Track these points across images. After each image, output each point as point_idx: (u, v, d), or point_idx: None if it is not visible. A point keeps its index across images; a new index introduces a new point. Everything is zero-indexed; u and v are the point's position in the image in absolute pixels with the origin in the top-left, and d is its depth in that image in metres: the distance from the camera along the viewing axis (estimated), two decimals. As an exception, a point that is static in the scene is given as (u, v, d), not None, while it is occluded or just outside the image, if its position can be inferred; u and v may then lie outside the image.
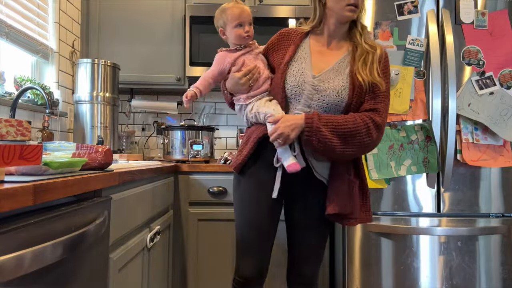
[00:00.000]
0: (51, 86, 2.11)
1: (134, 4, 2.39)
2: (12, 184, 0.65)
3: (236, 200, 1.46)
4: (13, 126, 0.83)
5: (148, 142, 2.71)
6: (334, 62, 1.35)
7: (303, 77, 1.33)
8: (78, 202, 0.89)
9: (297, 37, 1.40)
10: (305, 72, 1.33)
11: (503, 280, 1.84)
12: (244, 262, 1.40)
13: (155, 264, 1.60)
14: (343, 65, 1.34)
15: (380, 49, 1.35)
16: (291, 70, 1.35)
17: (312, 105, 1.32)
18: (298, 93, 1.32)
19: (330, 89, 1.30)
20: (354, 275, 1.85)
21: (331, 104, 1.31)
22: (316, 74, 1.33)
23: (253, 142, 1.37)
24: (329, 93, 1.30)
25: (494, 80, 1.84)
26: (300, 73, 1.34)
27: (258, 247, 1.39)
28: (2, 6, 1.72)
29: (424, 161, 1.81)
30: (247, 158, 1.38)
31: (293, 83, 1.33)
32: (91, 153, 1.07)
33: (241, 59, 1.40)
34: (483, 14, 1.85)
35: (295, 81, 1.33)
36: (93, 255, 0.96)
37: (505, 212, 1.85)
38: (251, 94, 1.39)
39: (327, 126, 1.25)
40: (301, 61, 1.36)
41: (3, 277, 0.57)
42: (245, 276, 1.39)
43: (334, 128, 1.25)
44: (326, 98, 1.30)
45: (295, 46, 1.38)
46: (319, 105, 1.31)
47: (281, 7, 2.32)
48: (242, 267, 1.41)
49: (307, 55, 1.37)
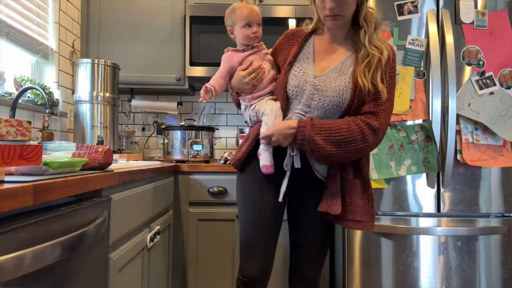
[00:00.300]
0: (51, 86, 2.11)
1: (134, 4, 2.39)
2: (12, 184, 0.65)
3: (239, 200, 1.45)
4: (13, 126, 0.83)
5: (148, 142, 2.71)
6: (337, 62, 1.32)
7: (304, 77, 1.32)
8: (78, 202, 0.90)
9: (301, 37, 1.39)
10: (306, 72, 1.33)
11: (503, 280, 1.84)
12: (248, 261, 1.40)
13: (155, 264, 1.60)
14: (346, 65, 1.31)
15: (386, 51, 1.30)
16: (294, 71, 1.34)
17: (313, 105, 1.30)
18: (299, 93, 1.32)
19: (332, 89, 1.28)
20: (354, 275, 1.85)
21: (332, 104, 1.29)
22: (318, 74, 1.32)
23: (252, 139, 1.38)
24: (330, 93, 1.28)
25: (494, 80, 1.84)
26: (301, 73, 1.33)
27: (262, 246, 1.39)
28: (2, 6, 1.72)
29: (424, 161, 1.81)
30: (246, 155, 1.39)
31: (294, 84, 1.32)
32: (91, 153, 1.07)
33: (249, 59, 1.40)
34: (483, 14, 1.85)
35: (296, 81, 1.32)
36: (93, 255, 0.96)
37: (505, 212, 1.85)
38: (256, 95, 1.39)
39: (320, 134, 1.23)
40: (304, 61, 1.36)
41: (3, 277, 0.57)
42: (249, 275, 1.39)
43: (328, 136, 1.23)
44: (327, 99, 1.29)
45: (299, 46, 1.38)
46: (320, 106, 1.30)
47: (281, 7, 2.32)
48: (246, 266, 1.40)
49: (310, 55, 1.36)
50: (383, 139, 1.81)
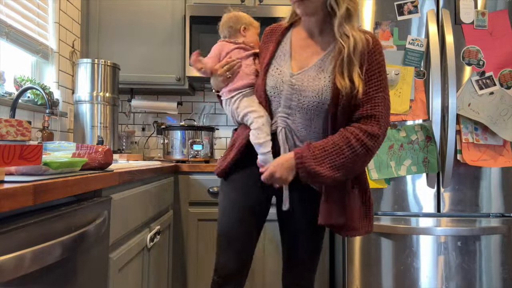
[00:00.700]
0: (51, 86, 2.11)
1: (134, 4, 2.39)
2: (12, 184, 0.65)
3: (222, 206, 1.37)
4: (13, 126, 0.83)
5: (148, 142, 2.71)
6: (317, 59, 1.20)
7: (281, 76, 1.22)
8: (78, 202, 0.90)
9: (278, 33, 1.29)
10: (283, 71, 1.23)
11: (503, 280, 1.84)
12: (224, 256, 1.32)
13: (155, 264, 1.60)
14: (327, 61, 1.19)
15: (362, 41, 1.14)
16: (271, 70, 1.25)
17: (293, 106, 1.21)
18: (277, 94, 1.22)
19: (310, 89, 1.17)
20: (354, 275, 1.85)
21: (311, 105, 1.18)
22: (295, 72, 1.21)
23: (237, 149, 1.31)
24: (309, 93, 1.17)
25: (494, 80, 1.84)
26: (278, 72, 1.23)
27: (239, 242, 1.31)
28: (2, 6, 1.72)
29: (424, 161, 1.81)
30: (230, 165, 1.32)
31: (271, 85, 1.23)
32: (91, 153, 1.07)
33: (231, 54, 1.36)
34: (483, 14, 1.85)
35: (273, 81, 1.23)
36: (93, 255, 0.96)
37: (505, 212, 1.85)
38: (233, 87, 1.33)
39: (324, 164, 1.12)
40: (281, 59, 1.26)
41: (3, 277, 0.57)
42: (224, 272, 1.31)
43: (332, 163, 1.12)
44: (306, 99, 1.18)
45: (276, 43, 1.28)
46: (300, 107, 1.19)
47: (281, 7, 2.32)
48: (221, 261, 1.32)
49: (287, 51, 1.26)
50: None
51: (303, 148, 1.15)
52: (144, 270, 1.44)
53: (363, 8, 1.86)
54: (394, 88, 1.82)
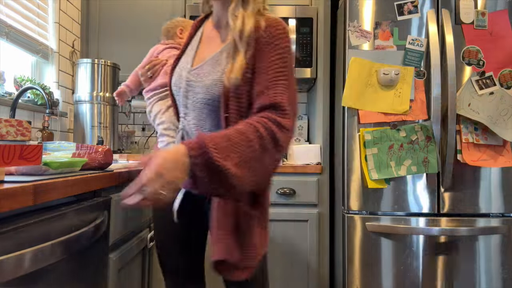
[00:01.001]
0: (51, 86, 2.11)
1: (134, 4, 2.39)
2: (12, 184, 0.65)
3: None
4: (13, 126, 0.83)
5: (148, 142, 2.71)
6: (217, 51, 1.04)
7: (182, 72, 1.08)
8: (78, 202, 0.90)
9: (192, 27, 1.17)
10: (185, 67, 1.08)
11: (503, 280, 1.84)
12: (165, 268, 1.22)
13: (155, 264, 1.60)
14: (224, 53, 1.02)
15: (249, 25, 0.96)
16: (177, 67, 1.12)
17: (189, 105, 1.05)
18: (177, 92, 1.09)
19: (201, 85, 1.01)
20: (354, 275, 1.85)
21: (202, 104, 1.01)
22: (193, 67, 1.07)
23: None
24: (200, 89, 1.01)
25: (494, 80, 1.84)
26: (180, 67, 1.10)
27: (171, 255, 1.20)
28: (2, 6, 1.72)
29: (424, 161, 1.81)
30: None
31: (173, 81, 1.10)
32: (91, 153, 1.07)
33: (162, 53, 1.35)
34: (483, 14, 1.85)
35: (175, 77, 1.10)
36: (93, 255, 0.96)
37: (505, 212, 1.85)
38: (150, 88, 1.27)
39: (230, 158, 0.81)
40: (188, 54, 1.12)
41: (3, 277, 0.57)
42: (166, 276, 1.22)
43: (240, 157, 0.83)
44: (198, 96, 1.02)
45: (189, 38, 1.15)
46: (194, 105, 1.03)
47: (281, 7, 2.31)
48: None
49: (196, 44, 1.12)
50: (383, 139, 1.83)
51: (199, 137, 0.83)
52: (144, 270, 1.44)
53: (363, 8, 1.86)
54: (394, 88, 1.82)
